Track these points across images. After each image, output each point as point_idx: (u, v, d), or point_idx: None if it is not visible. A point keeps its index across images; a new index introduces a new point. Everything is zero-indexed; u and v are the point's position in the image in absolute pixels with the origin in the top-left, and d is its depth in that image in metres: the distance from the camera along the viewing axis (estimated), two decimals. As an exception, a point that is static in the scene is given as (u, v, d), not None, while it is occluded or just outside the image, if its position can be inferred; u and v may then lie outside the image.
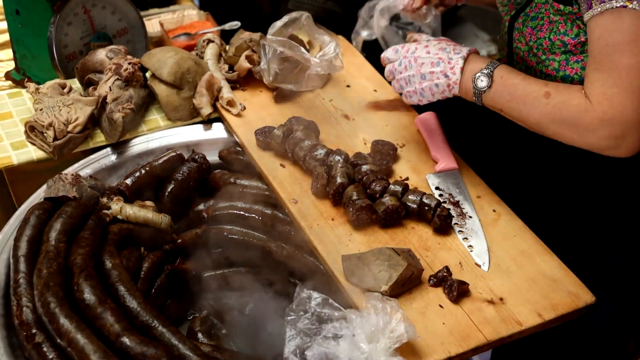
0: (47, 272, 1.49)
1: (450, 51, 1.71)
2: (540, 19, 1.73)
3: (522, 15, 1.79)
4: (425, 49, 1.74)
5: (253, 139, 1.92)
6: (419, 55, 1.74)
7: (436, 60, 1.71)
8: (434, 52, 1.73)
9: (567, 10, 1.65)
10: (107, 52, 2.04)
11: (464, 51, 1.70)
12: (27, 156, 1.89)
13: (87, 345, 1.39)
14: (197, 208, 1.91)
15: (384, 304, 1.43)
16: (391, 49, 1.80)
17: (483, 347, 1.49)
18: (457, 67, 1.69)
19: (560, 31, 1.68)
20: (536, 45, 1.73)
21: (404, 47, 1.78)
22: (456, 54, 1.70)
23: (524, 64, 1.81)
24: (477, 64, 1.69)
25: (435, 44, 1.74)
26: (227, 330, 1.84)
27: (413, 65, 1.74)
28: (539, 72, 1.76)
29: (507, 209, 1.76)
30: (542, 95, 1.59)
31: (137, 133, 1.98)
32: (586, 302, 1.57)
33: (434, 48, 1.73)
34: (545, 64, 1.73)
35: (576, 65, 1.69)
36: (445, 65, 1.70)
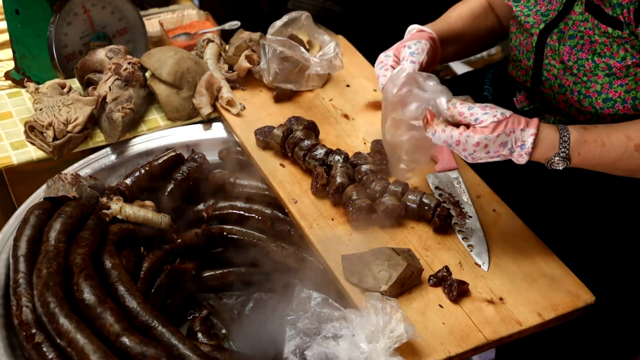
0: (47, 272, 1.49)
1: (513, 145, 1.50)
2: (579, 37, 1.69)
3: (556, 32, 1.75)
4: (485, 150, 1.49)
5: (253, 138, 1.92)
6: (479, 156, 1.51)
7: (496, 156, 1.51)
8: (494, 149, 1.49)
9: (615, 34, 1.62)
10: (107, 52, 2.04)
11: (528, 143, 1.49)
12: (27, 156, 1.89)
13: (87, 345, 1.38)
14: (196, 208, 1.91)
15: (384, 304, 1.42)
16: (442, 141, 1.51)
17: (483, 347, 1.49)
18: (523, 160, 1.51)
19: (606, 54, 1.65)
20: (576, 66, 1.69)
21: (459, 144, 1.49)
22: (519, 148, 1.50)
23: (557, 82, 1.78)
24: (545, 150, 1.51)
25: (494, 139, 1.48)
26: (227, 330, 1.84)
27: (469, 159, 1.53)
28: (577, 92, 1.74)
29: (507, 209, 1.76)
30: (633, 150, 1.51)
31: (137, 133, 1.98)
32: (586, 302, 1.57)
33: (494, 146, 1.49)
34: (586, 85, 1.70)
35: (620, 88, 1.67)
36: (507, 157, 1.52)
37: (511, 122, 1.49)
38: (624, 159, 1.53)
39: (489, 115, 1.49)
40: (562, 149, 1.51)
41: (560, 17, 1.75)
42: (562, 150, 1.51)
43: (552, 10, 1.77)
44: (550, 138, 1.51)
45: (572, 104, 1.78)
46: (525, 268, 1.62)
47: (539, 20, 1.80)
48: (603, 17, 1.65)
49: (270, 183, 1.82)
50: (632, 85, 1.67)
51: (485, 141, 1.48)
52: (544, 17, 1.79)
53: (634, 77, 1.66)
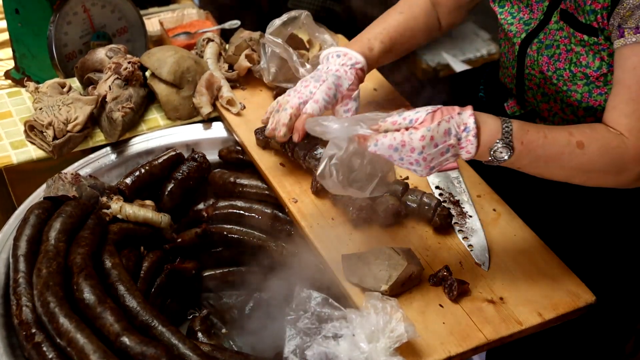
0: (47, 272, 1.49)
1: (457, 131, 1.43)
2: (556, 47, 1.69)
3: (536, 41, 1.74)
4: (432, 143, 1.42)
5: (253, 138, 1.92)
6: (429, 153, 1.43)
7: (446, 149, 1.44)
8: (441, 140, 1.42)
9: (591, 41, 1.62)
10: (107, 51, 2.04)
11: (470, 125, 1.43)
12: (27, 155, 1.89)
13: (87, 345, 1.38)
14: (196, 207, 1.91)
15: (384, 304, 1.42)
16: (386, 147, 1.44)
17: (483, 346, 1.49)
18: (472, 147, 1.44)
19: (582, 63, 1.65)
20: (555, 76, 1.69)
21: (405, 145, 1.42)
22: (465, 132, 1.43)
23: (539, 91, 1.78)
24: (489, 134, 1.45)
25: (436, 127, 1.42)
26: (227, 329, 1.84)
27: (422, 164, 1.45)
28: (559, 101, 1.74)
29: (508, 208, 1.76)
30: (576, 147, 1.46)
31: (137, 132, 1.98)
32: (586, 302, 1.56)
33: (439, 136, 1.42)
34: (567, 94, 1.69)
35: (599, 97, 1.67)
36: (456, 148, 1.45)
37: (445, 110, 1.44)
38: (566, 154, 1.46)
39: (421, 112, 1.44)
40: (505, 134, 1.45)
41: (541, 26, 1.74)
42: (505, 135, 1.45)
43: (534, 19, 1.77)
44: (492, 122, 1.46)
45: (556, 112, 1.79)
46: (526, 268, 1.62)
47: (521, 29, 1.79)
48: (577, 26, 1.64)
49: (270, 182, 1.82)
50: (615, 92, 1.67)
51: (430, 133, 1.41)
52: (526, 26, 1.78)
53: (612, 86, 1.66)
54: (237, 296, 1.93)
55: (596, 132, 1.48)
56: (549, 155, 1.47)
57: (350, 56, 1.77)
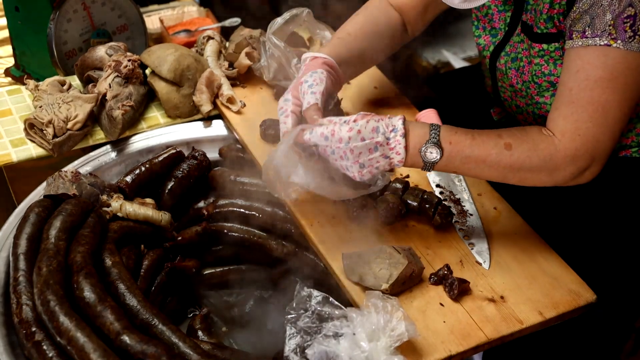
0: (47, 270, 1.49)
1: (385, 130, 1.50)
2: (520, 60, 1.70)
3: (503, 54, 1.75)
4: (359, 136, 1.49)
5: (253, 135, 1.92)
6: (355, 146, 1.49)
7: (373, 146, 1.50)
8: (369, 136, 1.49)
9: (551, 49, 1.63)
10: (107, 49, 2.04)
11: (398, 126, 1.50)
12: (27, 153, 1.88)
13: (87, 343, 1.38)
14: (197, 206, 1.91)
15: (385, 303, 1.42)
16: (319, 135, 1.52)
17: (484, 345, 1.49)
18: (400, 147, 1.50)
19: (545, 72, 1.66)
20: (524, 89, 1.70)
21: (334, 135, 1.50)
22: (393, 132, 1.50)
23: (513, 102, 1.79)
24: (417, 135, 1.52)
25: (364, 124, 1.50)
26: (228, 327, 1.84)
27: (349, 157, 1.51)
28: (531, 112, 1.75)
29: (508, 207, 1.76)
30: (503, 148, 1.51)
31: (137, 130, 1.98)
32: (587, 301, 1.56)
33: (367, 131, 1.49)
34: (537, 106, 1.71)
35: None
36: (384, 148, 1.50)
37: (377, 115, 1.52)
38: (494, 155, 1.51)
39: (357, 115, 1.52)
40: (432, 134, 1.51)
41: (506, 39, 1.75)
42: (432, 136, 1.51)
43: (499, 30, 1.77)
44: (420, 125, 1.53)
45: (531, 122, 1.80)
46: (526, 266, 1.62)
47: (489, 42, 1.80)
48: (534, 37, 1.66)
49: (270, 181, 1.81)
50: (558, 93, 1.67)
51: (357, 126, 1.49)
52: (493, 37, 1.79)
53: None
54: (237, 294, 1.92)
55: (526, 134, 1.52)
56: (478, 156, 1.51)
57: (306, 55, 1.74)
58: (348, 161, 1.51)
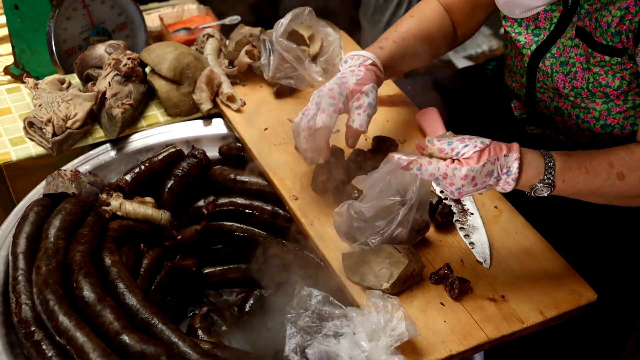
0: (46, 270, 1.48)
1: (499, 173, 1.43)
2: (572, 65, 1.67)
3: (549, 56, 1.72)
4: (473, 182, 1.42)
5: (253, 134, 1.91)
6: (467, 190, 1.44)
7: (483, 187, 1.45)
8: (481, 180, 1.43)
9: (613, 62, 1.60)
10: (106, 47, 2.03)
11: (513, 170, 1.43)
12: (26, 152, 1.88)
13: (86, 343, 1.38)
14: (197, 204, 1.90)
15: (385, 302, 1.42)
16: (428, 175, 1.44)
17: (484, 345, 1.48)
18: (508, 187, 1.45)
19: (602, 83, 1.63)
20: (573, 94, 1.67)
21: (447, 178, 1.43)
22: (505, 175, 1.44)
23: (552, 104, 1.76)
24: (531, 175, 1.45)
25: (480, 169, 1.41)
26: (227, 327, 1.84)
27: (455, 195, 1.46)
28: (574, 116, 1.72)
29: (509, 205, 1.75)
30: (616, 178, 1.48)
31: (137, 129, 1.97)
32: (588, 300, 1.56)
33: (481, 177, 1.42)
34: (584, 111, 1.68)
35: (618, 115, 1.67)
36: (493, 186, 1.46)
37: (493, 149, 1.43)
38: (607, 187, 1.49)
39: (469, 147, 1.43)
40: (547, 175, 1.46)
41: (552, 40, 1.71)
42: (547, 177, 1.46)
43: (543, 29, 1.74)
44: (535, 164, 1.46)
45: (570, 126, 1.78)
46: (527, 265, 1.62)
47: (530, 41, 1.77)
48: (596, 46, 1.62)
49: (270, 179, 1.81)
50: (630, 112, 1.67)
51: (473, 173, 1.42)
52: (536, 37, 1.76)
53: (632, 104, 1.65)
54: (237, 293, 1.92)
55: (635, 158, 1.49)
56: (590, 189, 1.49)
57: (358, 56, 1.72)
58: (452, 195, 1.46)
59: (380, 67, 1.72)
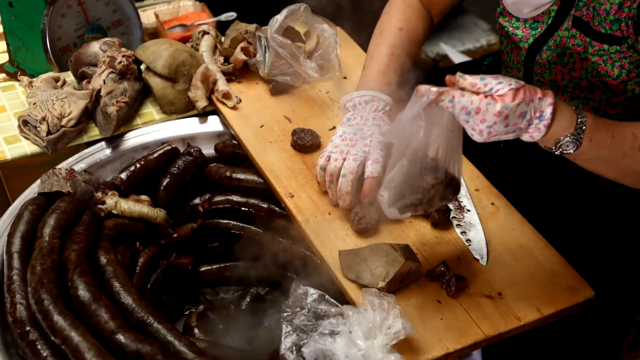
0: (41, 269, 1.48)
1: (531, 116, 1.37)
2: (569, 55, 1.65)
3: (545, 49, 1.70)
4: (505, 121, 1.35)
5: (249, 131, 1.90)
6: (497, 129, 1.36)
7: (512, 130, 1.37)
8: (513, 122, 1.35)
9: (612, 50, 1.59)
10: (101, 45, 2.02)
11: (546, 114, 1.36)
12: (21, 151, 1.87)
13: (82, 342, 1.37)
14: (192, 202, 1.89)
15: (381, 300, 1.41)
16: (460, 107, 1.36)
17: (481, 342, 1.48)
18: (537, 134, 1.38)
19: (600, 72, 1.61)
20: (572, 85, 1.66)
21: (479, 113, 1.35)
22: (538, 119, 1.37)
23: None
24: (562, 125, 1.39)
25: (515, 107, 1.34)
26: (224, 325, 1.83)
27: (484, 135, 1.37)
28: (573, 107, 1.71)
29: (506, 202, 1.75)
30: (638, 150, 1.43)
31: (132, 127, 1.96)
32: (585, 297, 1.55)
33: (513, 116, 1.35)
34: (583, 102, 1.67)
35: (618, 106, 1.65)
36: (522, 131, 1.38)
37: (528, 90, 1.35)
38: (628, 157, 1.44)
39: (504, 84, 1.34)
40: (577, 129, 1.39)
41: (550, 32, 1.70)
42: (577, 131, 1.39)
43: (541, 23, 1.73)
44: (567, 116, 1.39)
45: None
46: (524, 262, 1.61)
47: (528, 34, 1.75)
48: (594, 35, 1.60)
49: (266, 177, 1.80)
50: (630, 102, 1.65)
51: (507, 111, 1.33)
52: (533, 30, 1.74)
53: (632, 94, 1.64)
54: (233, 292, 1.92)
55: None
56: (612, 156, 1.45)
57: (379, 99, 1.76)
58: (480, 136, 1.37)
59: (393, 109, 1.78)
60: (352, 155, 1.65)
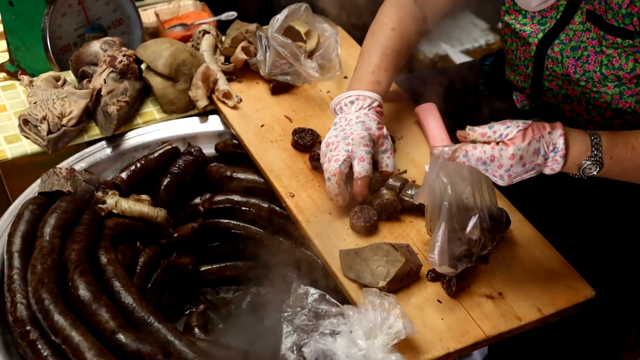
0: (42, 268, 1.48)
1: (546, 151, 1.44)
2: (583, 49, 1.65)
3: (557, 42, 1.70)
4: (521, 162, 1.43)
5: (249, 131, 1.90)
6: (515, 171, 1.44)
7: (532, 168, 1.45)
8: (529, 160, 1.44)
9: (625, 44, 1.59)
10: (102, 44, 2.02)
11: (559, 145, 1.44)
12: (21, 150, 1.87)
13: (82, 342, 1.37)
14: (193, 202, 1.89)
15: (382, 300, 1.41)
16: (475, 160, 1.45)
17: (482, 342, 1.48)
18: (557, 166, 1.46)
19: (615, 65, 1.61)
20: (584, 78, 1.66)
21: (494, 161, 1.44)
22: (553, 152, 1.45)
23: (561, 92, 1.74)
24: (578, 152, 1.45)
25: (527, 147, 1.42)
26: (224, 324, 1.83)
27: (505, 179, 1.46)
28: (585, 102, 1.71)
29: (507, 203, 1.75)
30: None
31: (133, 126, 1.96)
32: (586, 297, 1.55)
33: (528, 155, 1.43)
34: (595, 96, 1.67)
35: (630, 99, 1.65)
36: (541, 167, 1.46)
37: (536, 127, 1.44)
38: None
39: (512, 128, 1.44)
40: (594, 151, 1.46)
41: (560, 26, 1.70)
42: (594, 152, 1.46)
43: (550, 18, 1.72)
44: (581, 140, 1.46)
45: (580, 113, 1.76)
46: (525, 262, 1.61)
47: (537, 30, 1.75)
48: (608, 28, 1.61)
49: (267, 176, 1.80)
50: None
51: (520, 152, 1.42)
52: (542, 25, 1.74)
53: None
54: (234, 291, 1.92)
55: None
56: (637, 166, 1.49)
57: (364, 97, 1.76)
58: (502, 181, 1.46)
59: (382, 106, 1.78)
60: (334, 157, 1.66)
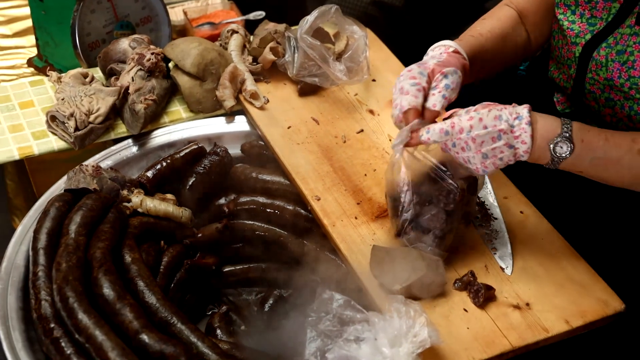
0: (67, 266, 1.47)
1: (509, 117, 1.44)
2: (629, 54, 1.61)
3: (604, 46, 1.66)
4: (481, 124, 1.44)
5: (276, 132, 1.89)
6: (477, 134, 1.44)
7: (497, 134, 1.44)
8: (491, 123, 1.44)
9: None
10: (130, 42, 2.02)
11: (523, 114, 1.44)
12: (48, 146, 1.87)
13: (105, 341, 1.37)
14: (218, 202, 1.89)
15: (408, 307, 1.39)
16: (438, 131, 1.47)
17: (508, 353, 1.46)
18: (526, 136, 1.44)
19: None
20: (628, 84, 1.62)
21: (455, 127, 1.45)
22: (517, 120, 1.44)
23: (602, 96, 1.71)
24: (547, 127, 1.46)
25: (487, 113, 1.44)
26: (246, 326, 1.82)
27: (471, 147, 1.46)
28: (627, 107, 1.67)
29: (535, 211, 1.72)
30: (636, 153, 1.45)
31: (159, 124, 1.96)
32: (615, 310, 1.53)
33: (489, 119, 1.44)
34: (638, 103, 1.64)
35: None
36: (509, 136, 1.44)
37: (500, 104, 1.47)
38: (627, 160, 1.46)
39: (478, 105, 1.48)
40: (564, 128, 1.45)
41: (609, 30, 1.66)
42: (564, 130, 1.45)
43: (599, 19, 1.69)
44: (548, 117, 1.46)
45: (621, 118, 1.72)
46: (553, 273, 1.59)
47: (585, 30, 1.70)
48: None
49: (293, 179, 1.79)
50: None
51: (478, 115, 1.44)
52: (591, 26, 1.70)
53: None
54: (257, 293, 1.91)
55: None
56: (610, 158, 1.47)
57: (440, 46, 1.67)
58: (470, 152, 1.46)
59: (464, 55, 1.67)
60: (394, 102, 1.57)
